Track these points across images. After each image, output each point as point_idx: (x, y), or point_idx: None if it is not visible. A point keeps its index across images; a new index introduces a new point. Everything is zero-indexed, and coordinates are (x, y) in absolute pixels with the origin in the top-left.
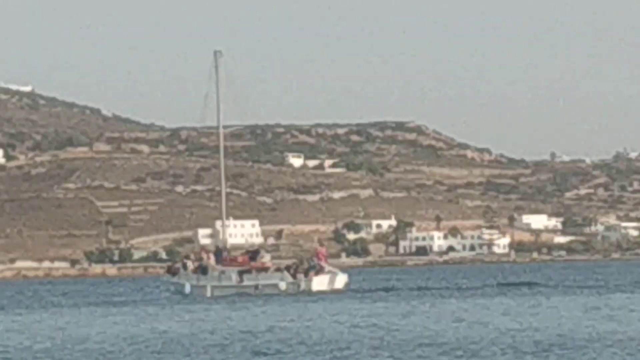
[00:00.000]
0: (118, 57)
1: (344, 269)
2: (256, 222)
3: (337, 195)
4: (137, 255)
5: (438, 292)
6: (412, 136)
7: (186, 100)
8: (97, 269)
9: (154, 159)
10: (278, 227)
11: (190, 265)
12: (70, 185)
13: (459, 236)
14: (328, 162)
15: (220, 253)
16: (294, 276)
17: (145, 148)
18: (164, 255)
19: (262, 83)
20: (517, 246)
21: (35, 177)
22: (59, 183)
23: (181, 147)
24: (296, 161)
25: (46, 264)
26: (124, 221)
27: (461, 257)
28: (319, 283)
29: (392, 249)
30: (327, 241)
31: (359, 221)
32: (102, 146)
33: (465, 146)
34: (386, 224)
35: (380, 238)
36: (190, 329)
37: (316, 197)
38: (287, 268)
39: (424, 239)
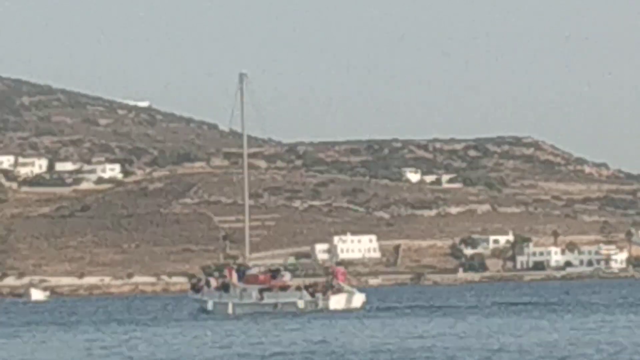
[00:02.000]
0: (232, 74)
1: (461, 284)
2: (373, 237)
3: (454, 210)
4: (254, 270)
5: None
6: (529, 151)
7: (304, 115)
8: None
9: (271, 174)
10: (395, 242)
11: (214, 282)
12: (187, 200)
13: (576, 251)
14: (445, 178)
15: (243, 271)
16: (312, 295)
17: (262, 163)
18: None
19: (379, 98)
20: (634, 261)
21: (153, 192)
22: (176, 198)
23: (298, 162)
24: (413, 176)
25: (163, 278)
26: (241, 236)
27: (579, 272)
28: (337, 302)
29: (509, 264)
30: (444, 256)
31: (476, 236)
32: (219, 161)
33: (582, 161)
34: (503, 239)
35: (497, 253)
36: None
37: (433, 213)
38: (307, 287)
39: (541, 254)
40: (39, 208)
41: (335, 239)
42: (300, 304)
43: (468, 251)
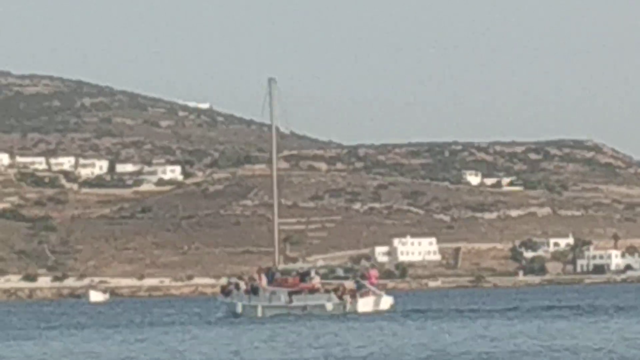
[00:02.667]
0: (298, 76)
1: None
2: (433, 239)
3: (514, 213)
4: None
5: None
6: (590, 154)
7: (364, 118)
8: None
9: (331, 176)
10: (455, 244)
11: (243, 286)
12: (247, 202)
13: (636, 255)
14: (505, 180)
15: (272, 275)
16: (340, 297)
17: (323, 165)
18: (341, 273)
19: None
20: None
21: (213, 194)
22: (236, 200)
23: (359, 164)
24: (474, 179)
25: (223, 280)
26: (302, 238)
27: (639, 276)
28: (365, 304)
29: (569, 268)
30: (505, 259)
31: (536, 239)
32: (280, 163)
33: None
34: (563, 242)
35: (557, 256)
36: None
37: (493, 215)
38: (335, 290)
39: (601, 257)
40: (100, 209)
41: (395, 241)
42: (329, 306)
43: (528, 254)
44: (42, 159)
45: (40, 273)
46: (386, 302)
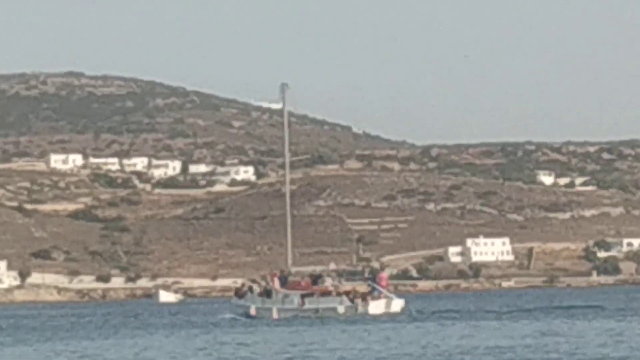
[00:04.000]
0: (372, 77)
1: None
2: (506, 239)
3: (587, 213)
4: (387, 272)
5: None
6: None
7: (438, 118)
8: (347, 286)
9: (404, 177)
10: (528, 245)
11: (257, 288)
12: (320, 202)
13: None
14: (579, 180)
15: (285, 278)
16: (352, 300)
17: (395, 166)
18: (414, 273)
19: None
20: None
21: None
22: (309, 200)
23: (432, 164)
24: (547, 179)
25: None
26: (375, 239)
27: None
28: (376, 307)
29: None
30: (578, 259)
31: (609, 239)
32: (353, 164)
33: None
34: (637, 242)
35: (631, 256)
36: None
37: (567, 215)
38: (347, 293)
39: None
40: (173, 210)
41: (469, 241)
42: (341, 309)
43: (602, 254)
44: (115, 160)
45: (113, 274)
46: (397, 304)
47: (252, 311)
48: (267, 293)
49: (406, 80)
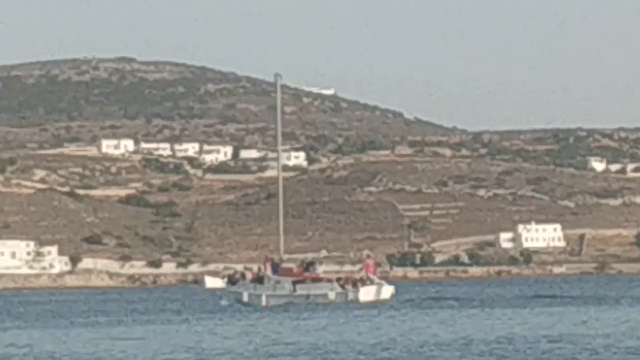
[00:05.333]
0: (423, 63)
1: None
2: (558, 226)
3: (639, 199)
4: (438, 258)
5: None
6: None
7: (488, 104)
8: (398, 272)
9: (455, 162)
10: (580, 231)
11: (249, 275)
12: (372, 188)
13: None
14: (631, 167)
15: (277, 265)
16: (342, 287)
17: (447, 151)
18: (465, 259)
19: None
20: None
21: (337, 180)
22: (361, 186)
23: (483, 150)
24: (598, 165)
25: (347, 267)
26: (426, 224)
27: None
28: (366, 294)
29: None
30: (629, 246)
31: None
32: (404, 149)
33: None
34: None
35: None
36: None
37: (618, 202)
38: (337, 279)
39: None
40: (224, 195)
41: (520, 227)
42: (331, 295)
43: None
44: (166, 145)
45: (164, 259)
46: (387, 291)
47: (244, 297)
48: (259, 280)
49: (458, 67)
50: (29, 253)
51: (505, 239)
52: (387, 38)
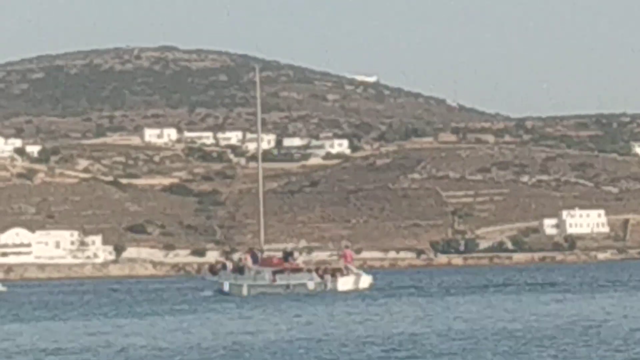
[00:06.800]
0: (467, 49)
1: None
2: (602, 211)
3: None
4: (482, 245)
5: None
6: None
7: (531, 90)
8: (442, 259)
9: (499, 149)
10: (623, 216)
11: (230, 265)
12: (415, 175)
13: None
14: None
15: (256, 255)
16: (321, 277)
17: (490, 138)
18: (509, 246)
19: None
20: None
21: (381, 167)
22: (404, 173)
23: (526, 136)
24: None
25: (391, 254)
26: (470, 211)
27: None
28: (345, 283)
29: None
30: None
31: None
32: (447, 136)
33: None
34: None
35: None
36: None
37: None
38: (317, 269)
39: None
40: (267, 183)
41: (564, 213)
42: (310, 285)
43: None
44: (209, 134)
45: (208, 248)
46: (365, 281)
47: (225, 287)
48: (239, 270)
49: (500, 53)
50: (73, 243)
51: (549, 225)
52: (430, 25)
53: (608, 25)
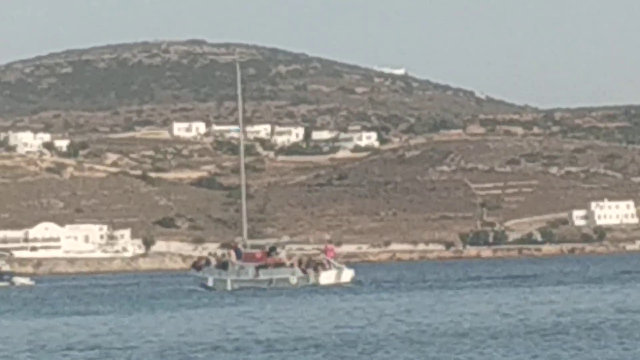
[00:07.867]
0: (495, 41)
1: None
2: (631, 202)
3: None
4: (511, 237)
5: None
6: None
7: (560, 81)
8: (471, 251)
9: (527, 141)
10: None
11: (213, 261)
12: (444, 167)
13: None
14: None
15: (240, 251)
16: (304, 271)
17: (519, 130)
18: (539, 237)
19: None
20: None
21: (409, 159)
22: (433, 165)
23: (555, 128)
24: None
25: (421, 246)
26: (499, 203)
27: None
28: (327, 277)
29: None
30: None
31: None
32: (476, 128)
33: None
34: None
35: None
36: None
37: None
38: (299, 264)
39: None
40: (296, 176)
41: (593, 205)
42: (293, 279)
43: None
44: (238, 127)
45: (237, 241)
46: (347, 275)
47: (209, 282)
48: (223, 265)
49: (528, 45)
50: (102, 237)
51: (578, 217)
52: (458, 17)
53: (638, 17)
